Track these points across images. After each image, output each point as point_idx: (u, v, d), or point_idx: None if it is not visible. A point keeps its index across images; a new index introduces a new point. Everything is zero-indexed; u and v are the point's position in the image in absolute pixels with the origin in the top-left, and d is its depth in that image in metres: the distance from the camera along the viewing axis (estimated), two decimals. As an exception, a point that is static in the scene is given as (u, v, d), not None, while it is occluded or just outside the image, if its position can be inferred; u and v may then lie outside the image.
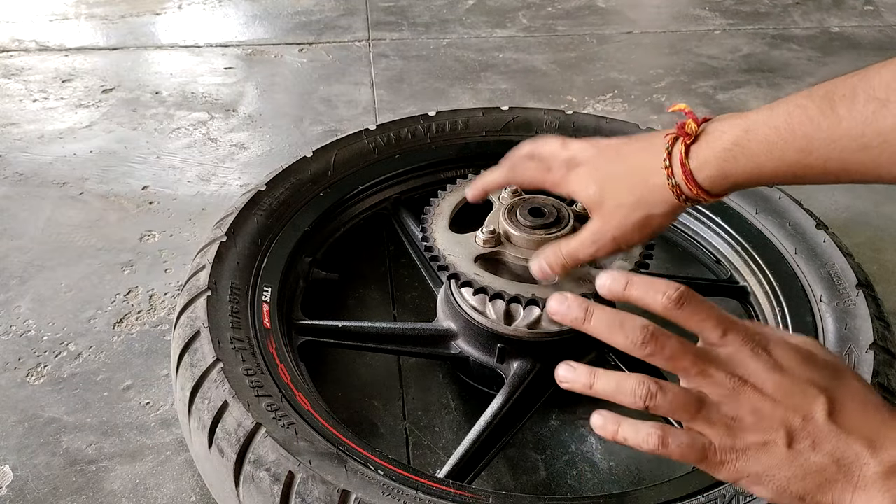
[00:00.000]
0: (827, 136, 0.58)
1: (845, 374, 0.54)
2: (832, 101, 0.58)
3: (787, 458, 0.50)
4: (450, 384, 0.96)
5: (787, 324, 0.89)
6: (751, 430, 0.51)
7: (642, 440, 0.52)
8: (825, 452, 0.50)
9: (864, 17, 2.07)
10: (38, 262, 1.15)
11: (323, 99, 1.63)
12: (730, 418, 0.52)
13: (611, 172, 0.70)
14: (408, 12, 2.06)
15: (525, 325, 0.84)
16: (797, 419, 0.51)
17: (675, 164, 0.66)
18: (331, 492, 0.64)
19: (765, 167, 0.62)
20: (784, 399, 0.51)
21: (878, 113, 0.55)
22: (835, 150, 0.58)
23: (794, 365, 0.53)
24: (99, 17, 2.00)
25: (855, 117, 0.56)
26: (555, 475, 0.85)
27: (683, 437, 0.52)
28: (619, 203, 0.69)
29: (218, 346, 0.76)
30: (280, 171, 1.02)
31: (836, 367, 0.55)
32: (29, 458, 0.85)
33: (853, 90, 0.57)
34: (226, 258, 0.88)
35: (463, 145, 1.14)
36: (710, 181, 0.65)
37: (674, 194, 0.66)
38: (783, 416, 0.51)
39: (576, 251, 0.73)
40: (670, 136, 0.66)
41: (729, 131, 0.63)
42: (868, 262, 1.14)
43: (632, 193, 0.69)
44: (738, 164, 0.63)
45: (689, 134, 0.65)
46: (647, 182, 0.68)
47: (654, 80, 1.73)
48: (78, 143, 1.45)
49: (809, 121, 0.58)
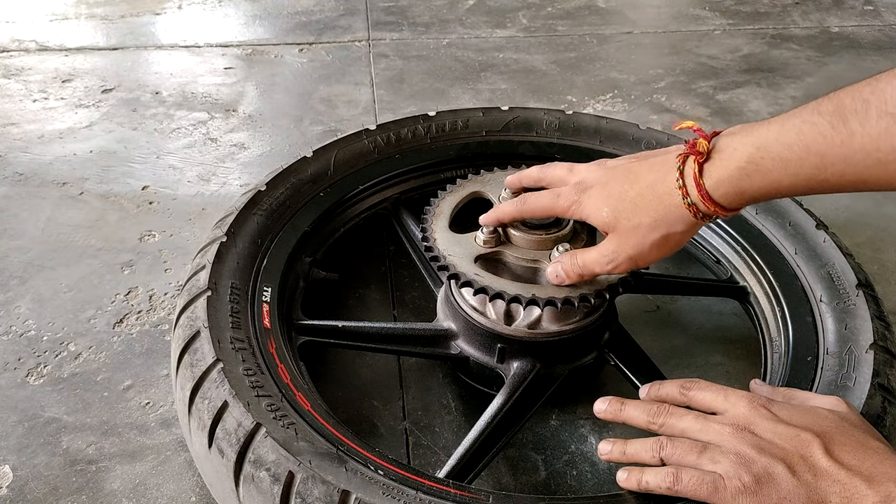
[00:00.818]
0: (840, 153, 0.57)
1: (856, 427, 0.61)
2: (843, 116, 0.57)
3: (796, 487, 0.56)
4: (450, 384, 0.96)
5: (787, 324, 0.89)
6: (755, 460, 0.58)
7: (661, 480, 0.61)
8: (827, 483, 0.56)
9: (864, 16, 2.07)
10: (38, 262, 1.15)
11: (323, 99, 1.63)
12: (734, 454, 0.59)
13: (623, 194, 0.70)
14: (408, 12, 2.06)
15: (525, 325, 0.84)
16: (795, 457, 0.57)
17: (689, 183, 0.65)
18: (331, 492, 0.64)
19: (781, 183, 0.62)
20: (782, 442, 0.59)
21: (891, 129, 0.54)
22: (849, 165, 0.57)
23: (792, 417, 0.61)
24: (99, 17, 2.00)
25: (868, 133, 0.55)
26: (555, 475, 0.85)
27: (695, 471, 0.60)
28: (635, 224, 0.69)
29: (218, 346, 0.76)
30: (280, 171, 1.02)
31: (850, 421, 0.62)
32: (29, 458, 0.85)
33: (865, 105, 0.56)
34: (226, 258, 0.88)
35: (463, 145, 1.14)
36: (727, 199, 0.65)
37: (691, 213, 0.66)
38: (782, 454, 0.58)
39: (592, 265, 0.75)
40: (681, 155, 0.66)
41: (741, 149, 0.63)
42: (868, 262, 1.14)
43: (647, 214, 0.69)
44: (753, 182, 0.63)
45: (701, 153, 0.64)
46: (662, 202, 0.68)
47: (654, 80, 1.73)
48: (78, 143, 1.45)
49: (822, 138, 0.58)
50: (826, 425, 0.60)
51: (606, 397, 0.73)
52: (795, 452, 0.57)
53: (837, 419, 0.61)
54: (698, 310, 1.09)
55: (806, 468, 0.56)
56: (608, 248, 0.73)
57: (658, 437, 0.65)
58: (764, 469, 0.57)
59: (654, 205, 0.68)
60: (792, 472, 0.56)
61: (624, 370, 0.87)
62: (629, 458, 0.67)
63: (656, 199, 0.68)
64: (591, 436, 0.90)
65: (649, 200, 0.68)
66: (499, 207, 0.83)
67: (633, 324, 0.94)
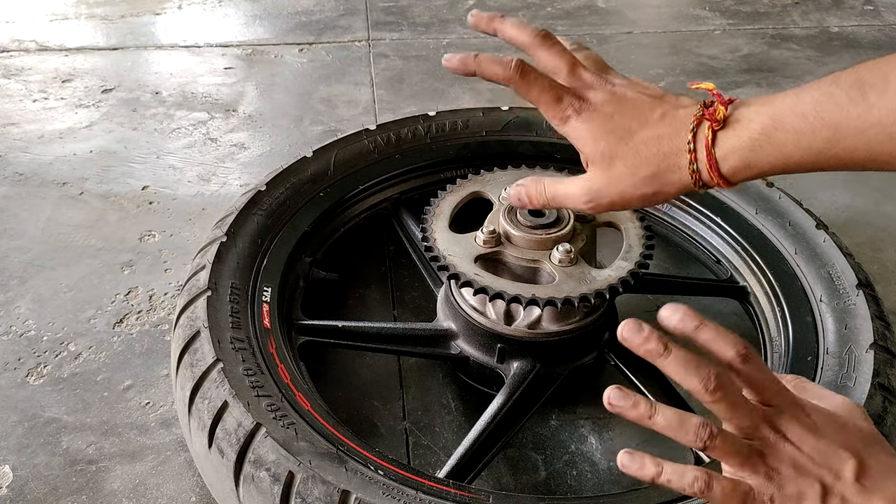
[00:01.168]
0: (856, 125, 0.56)
1: (875, 443, 0.59)
2: (862, 88, 0.56)
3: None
4: (450, 384, 0.96)
5: (787, 323, 0.89)
6: (789, 481, 0.56)
7: (688, 484, 0.56)
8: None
9: (864, 16, 2.07)
10: (38, 262, 1.15)
11: (323, 99, 1.63)
12: (771, 469, 0.56)
13: (627, 135, 0.65)
14: (408, 12, 2.06)
15: (525, 325, 0.84)
16: (829, 476, 0.56)
17: (699, 149, 0.63)
18: (331, 492, 0.64)
19: (790, 156, 0.60)
20: (819, 459, 0.56)
21: None
22: (862, 139, 0.56)
23: (830, 430, 0.58)
24: (99, 17, 2.00)
25: (886, 105, 0.54)
26: (555, 475, 0.85)
27: (726, 481, 0.56)
28: (631, 171, 0.65)
29: (218, 346, 0.76)
30: (280, 171, 1.02)
31: (868, 435, 0.60)
32: (29, 458, 0.85)
33: (885, 78, 0.55)
34: (226, 258, 0.88)
35: (463, 145, 1.14)
36: (733, 171, 0.63)
37: (692, 179, 0.64)
38: (818, 473, 0.56)
39: (563, 197, 0.69)
40: (696, 116, 0.63)
41: (755, 118, 0.61)
42: (868, 262, 1.14)
43: (647, 166, 0.65)
44: (763, 154, 0.61)
45: (718, 121, 0.62)
46: (666, 159, 0.64)
47: (654, 80, 1.73)
48: (78, 143, 1.44)
49: (839, 109, 0.57)
50: (857, 445, 0.58)
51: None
52: (830, 471, 0.56)
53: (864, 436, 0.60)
54: (698, 310, 1.07)
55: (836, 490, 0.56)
56: (591, 185, 0.67)
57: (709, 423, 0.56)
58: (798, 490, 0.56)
59: (657, 159, 0.65)
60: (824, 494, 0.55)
61: (624, 370, 0.87)
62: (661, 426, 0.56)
63: (660, 154, 0.64)
64: (591, 436, 0.90)
65: (654, 152, 0.65)
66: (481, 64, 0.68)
67: (633, 324, 0.93)
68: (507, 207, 0.85)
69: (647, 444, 0.87)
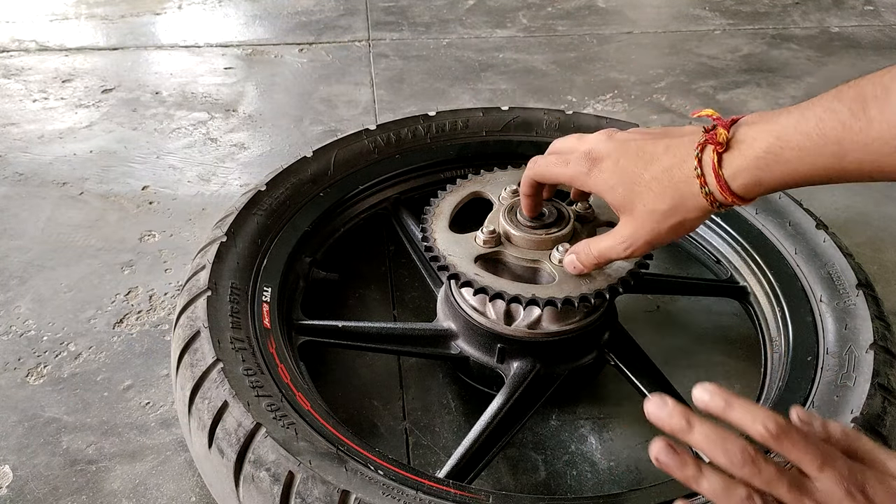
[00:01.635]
0: (859, 140, 0.56)
1: None
2: (864, 102, 0.56)
3: None
4: (450, 384, 0.96)
5: (787, 324, 0.89)
6: None
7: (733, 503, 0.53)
8: None
9: (864, 16, 2.07)
10: (38, 262, 1.15)
11: (323, 99, 1.63)
12: None
13: (638, 174, 0.69)
14: (408, 12, 2.06)
15: (525, 325, 0.84)
16: None
17: (707, 173, 0.65)
18: (331, 492, 0.64)
19: (798, 172, 0.61)
20: None
21: None
22: (868, 153, 0.56)
23: (880, 492, 0.53)
24: (99, 17, 2.00)
25: (887, 119, 0.54)
26: (555, 475, 0.85)
27: None
28: (651, 209, 0.68)
29: (218, 346, 0.76)
30: (280, 171, 1.02)
31: None
32: (29, 458, 0.85)
33: (885, 91, 0.55)
34: (226, 258, 0.88)
35: (463, 145, 1.14)
36: (745, 189, 0.64)
37: (707, 201, 0.66)
38: None
39: (608, 252, 0.74)
40: (699, 143, 0.65)
41: (760, 138, 0.62)
42: (868, 262, 1.14)
43: (664, 201, 0.68)
44: (771, 172, 0.62)
45: (721, 143, 0.64)
46: (679, 189, 0.67)
47: (654, 80, 1.73)
48: (78, 143, 1.45)
49: (841, 125, 0.57)
50: None
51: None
52: None
53: None
54: (698, 310, 1.09)
55: None
56: (624, 232, 0.71)
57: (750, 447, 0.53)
58: None
59: (671, 191, 0.67)
60: None
61: (624, 370, 0.87)
62: (705, 489, 0.54)
63: (672, 186, 0.67)
64: (591, 436, 0.90)
65: (665, 186, 0.67)
66: None
67: (633, 324, 0.94)
68: (507, 207, 0.85)
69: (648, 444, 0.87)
